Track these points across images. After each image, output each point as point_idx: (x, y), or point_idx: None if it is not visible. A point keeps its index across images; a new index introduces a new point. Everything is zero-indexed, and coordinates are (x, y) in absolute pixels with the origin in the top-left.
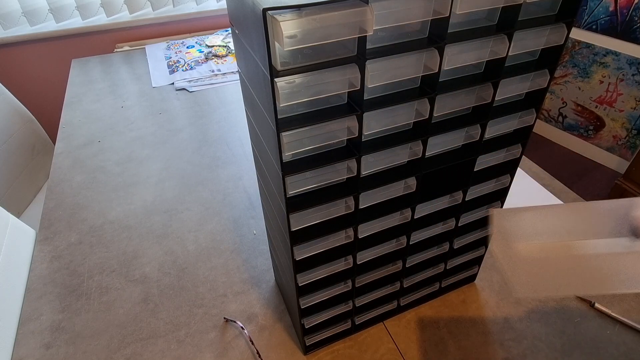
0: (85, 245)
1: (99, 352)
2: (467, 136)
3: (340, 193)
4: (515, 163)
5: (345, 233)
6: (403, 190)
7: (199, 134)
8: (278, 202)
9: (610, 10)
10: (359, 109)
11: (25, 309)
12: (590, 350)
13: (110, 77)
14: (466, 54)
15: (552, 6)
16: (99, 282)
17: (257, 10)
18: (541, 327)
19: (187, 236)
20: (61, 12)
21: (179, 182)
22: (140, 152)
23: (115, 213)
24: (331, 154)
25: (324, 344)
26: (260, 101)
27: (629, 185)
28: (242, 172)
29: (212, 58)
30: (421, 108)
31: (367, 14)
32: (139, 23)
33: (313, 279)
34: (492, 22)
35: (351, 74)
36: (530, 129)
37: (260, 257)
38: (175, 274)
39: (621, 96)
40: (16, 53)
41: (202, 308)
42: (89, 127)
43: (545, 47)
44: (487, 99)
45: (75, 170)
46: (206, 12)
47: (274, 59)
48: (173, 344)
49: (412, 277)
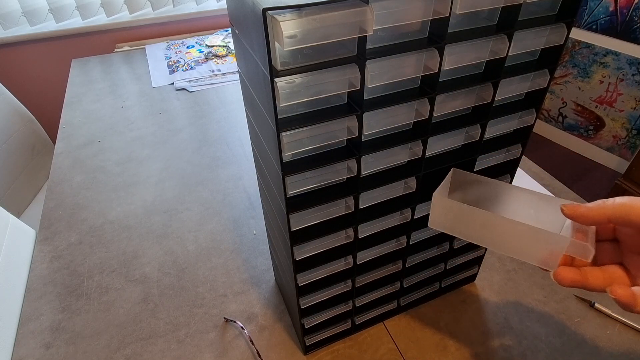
0: (85, 245)
1: (99, 352)
2: (467, 136)
3: (340, 193)
4: (515, 163)
5: (345, 233)
6: (403, 190)
7: (199, 134)
8: (278, 202)
9: (610, 10)
10: (359, 109)
11: (25, 309)
12: (590, 350)
13: (110, 77)
14: (466, 54)
15: (552, 6)
16: (99, 282)
17: (257, 10)
18: (541, 327)
19: (187, 236)
20: (61, 12)
21: (179, 182)
22: (140, 152)
23: (115, 213)
24: (331, 154)
25: (324, 344)
26: (260, 101)
27: (629, 185)
28: (242, 172)
29: (212, 58)
30: (421, 108)
31: (367, 14)
32: (139, 23)
33: (313, 279)
34: (492, 22)
35: (351, 74)
36: (530, 129)
37: (260, 257)
38: (175, 274)
39: (621, 96)
40: (16, 53)
41: (202, 308)
42: (89, 127)
43: (545, 47)
44: (487, 99)
45: (75, 170)
46: (206, 12)
47: (274, 59)
48: (173, 344)
49: (412, 277)
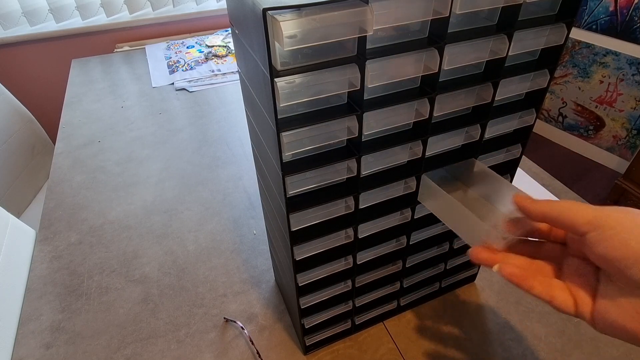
0: (85, 245)
1: (99, 352)
2: (467, 136)
3: (340, 193)
4: (515, 163)
5: (345, 233)
6: (403, 190)
7: (199, 134)
8: (278, 202)
9: (610, 10)
10: (359, 109)
11: (25, 309)
12: (590, 350)
13: (110, 77)
14: (466, 54)
15: (552, 6)
16: (99, 282)
17: (257, 10)
18: (541, 327)
19: (187, 236)
20: (61, 12)
21: (179, 182)
22: (140, 152)
23: (115, 213)
24: (331, 154)
25: (324, 344)
26: (260, 101)
27: (628, 185)
28: (242, 172)
29: (212, 58)
30: (421, 108)
31: (367, 14)
32: (139, 23)
33: (313, 279)
34: (492, 22)
35: (351, 74)
36: (530, 129)
37: (260, 257)
38: (175, 274)
39: (621, 96)
40: (16, 53)
41: (202, 308)
42: (89, 127)
43: (545, 47)
44: (487, 99)
45: (75, 170)
46: (206, 12)
47: (274, 59)
48: (173, 344)
49: (412, 277)
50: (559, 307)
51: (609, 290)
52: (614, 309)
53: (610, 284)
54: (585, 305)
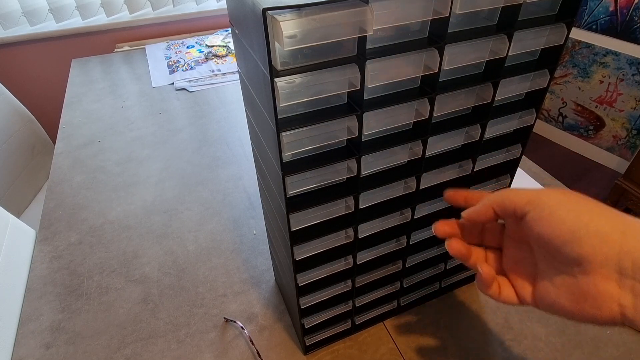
0: (85, 245)
1: (99, 352)
2: (467, 136)
3: (340, 193)
4: (515, 163)
5: (345, 233)
6: (403, 190)
7: (199, 134)
8: (278, 202)
9: (610, 10)
10: (359, 109)
11: (25, 309)
12: (590, 350)
13: (110, 77)
14: (466, 54)
15: (552, 6)
16: (99, 282)
17: (257, 10)
18: (541, 327)
19: (187, 236)
20: (61, 12)
21: (179, 182)
22: (140, 152)
23: (115, 213)
24: (331, 154)
25: (324, 344)
26: (260, 101)
27: (628, 185)
28: (242, 172)
29: (212, 58)
30: (421, 108)
31: (367, 14)
32: (139, 23)
33: (313, 279)
34: (492, 22)
35: (351, 74)
36: (530, 129)
37: (260, 257)
38: (175, 274)
39: (621, 96)
40: (16, 53)
41: (202, 308)
42: (89, 127)
43: (545, 47)
44: (487, 99)
45: (75, 170)
46: (206, 12)
47: (274, 59)
48: (173, 344)
49: (412, 277)
50: (502, 300)
51: (547, 272)
52: (553, 290)
53: (548, 266)
54: (525, 290)
